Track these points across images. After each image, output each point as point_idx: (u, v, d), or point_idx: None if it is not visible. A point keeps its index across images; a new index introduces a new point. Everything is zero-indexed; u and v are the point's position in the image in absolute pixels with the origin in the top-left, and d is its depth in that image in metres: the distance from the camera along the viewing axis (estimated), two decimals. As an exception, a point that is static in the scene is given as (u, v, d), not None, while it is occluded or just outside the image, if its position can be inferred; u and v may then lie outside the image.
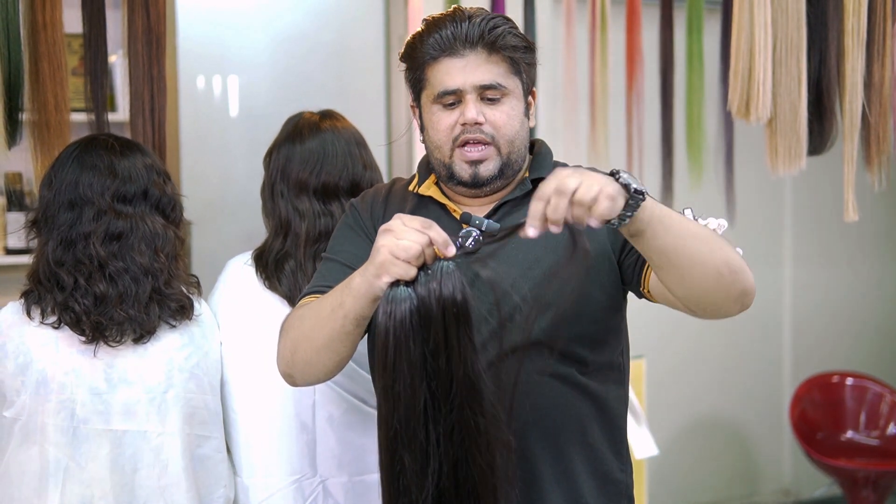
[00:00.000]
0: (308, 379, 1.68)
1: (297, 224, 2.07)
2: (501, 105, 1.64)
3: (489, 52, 1.62)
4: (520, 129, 1.67)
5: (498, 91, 1.63)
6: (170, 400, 1.88)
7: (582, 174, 1.34)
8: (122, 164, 1.91)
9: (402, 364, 1.40)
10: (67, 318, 1.83)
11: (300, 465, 2.03)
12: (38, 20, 2.12)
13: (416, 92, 1.73)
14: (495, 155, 1.65)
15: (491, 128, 1.64)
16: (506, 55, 1.63)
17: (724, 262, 1.46)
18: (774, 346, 4.49)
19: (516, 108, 1.66)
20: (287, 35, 3.56)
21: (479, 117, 1.63)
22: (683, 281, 1.47)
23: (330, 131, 2.12)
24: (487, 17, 1.65)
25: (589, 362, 1.65)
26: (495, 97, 1.64)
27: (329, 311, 1.55)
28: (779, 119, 2.38)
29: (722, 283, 1.47)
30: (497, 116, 1.64)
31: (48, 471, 1.81)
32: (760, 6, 2.31)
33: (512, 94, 1.65)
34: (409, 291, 1.40)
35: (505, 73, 1.64)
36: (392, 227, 1.42)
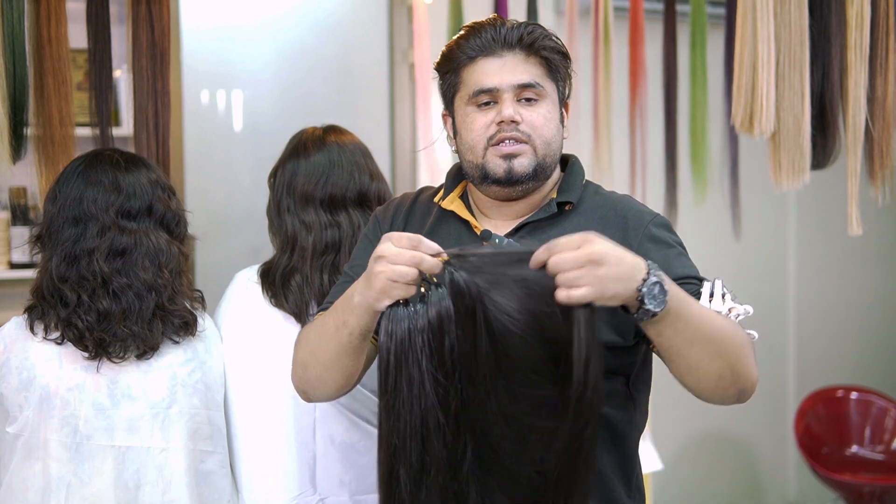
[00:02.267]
0: (321, 395, 1.68)
1: (304, 238, 2.06)
2: (538, 106, 1.62)
3: (527, 53, 1.62)
4: (556, 133, 1.65)
5: (535, 91, 1.62)
6: (173, 415, 1.88)
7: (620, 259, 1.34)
8: (126, 179, 1.91)
9: (402, 383, 1.42)
10: (71, 334, 1.83)
11: (300, 483, 2.02)
12: (43, 35, 2.13)
13: (448, 97, 1.70)
14: (531, 153, 1.62)
15: (528, 127, 1.61)
16: (544, 56, 1.62)
17: (727, 367, 1.47)
18: (779, 361, 4.48)
19: (553, 111, 1.64)
20: (291, 50, 3.57)
21: (517, 116, 1.60)
22: (682, 374, 1.49)
23: (335, 144, 2.12)
24: (525, 23, 1.64)
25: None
26: (532, 98, 1.62)
27: (334, 329, 1.55)
28: (782, 133, 2.38)
29: (720, 385, 1.48)
30: (534, 117, 1.62)
31: (51, 487, 1.81)
32: (763, 20, 2.31)
33: (549, 97, 1.63)
34: (408, 311, 1.42)
35: (542, 75, 1.63)
36: (384, 252, 1.41)
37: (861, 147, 2.44)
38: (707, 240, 3.69)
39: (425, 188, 1.85)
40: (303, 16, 3.59)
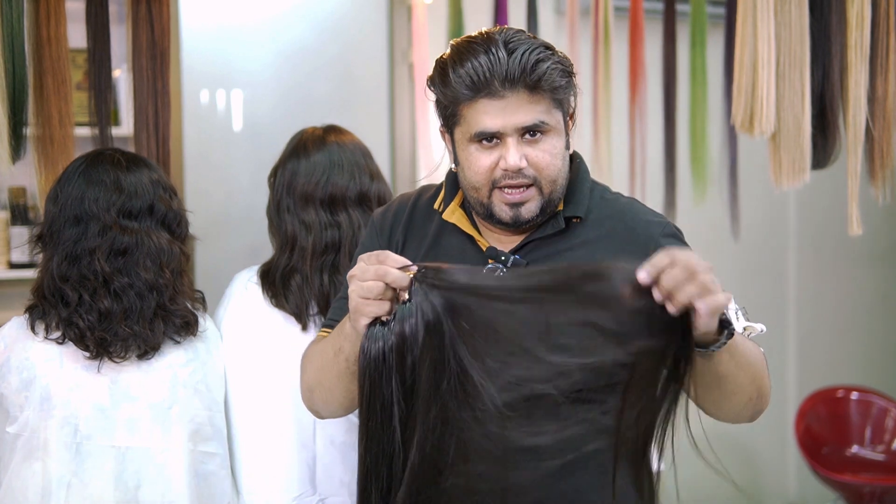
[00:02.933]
0: (331, 414, 1.69)
1: (304, 238, 2.06)
2: (543, 143, 1.54)
3: (531, 91, 1.51)
4: (562, 166, 1.57)
5: (540, 129, 1.53)
6: (174, 416, 1.88)
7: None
8: (127, 179, 1.91)
9: (376, 403, 1.42)
10: (72, 333, 1.83)
11: (300, 484, 2.02)
12: (42, 35, 2.13)
13: (447, 124, 1.61)
14: (537, 195, 1.56)
15: (533, 169, 1.54)
16: (548, 93, 1.53)
17: (757, 391, 1.51)
18: (779, 361, 4.47)
19: (557, 144, 1.56)
20: (291, 50, 3.56)
21: (522, 162, 1.53)
22: (717, 402, 1.51)
23: (335, 144, 2.11)
24: (527, 48, 1.50)
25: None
26: (535, 138, 1.54)
27: (332, 355, 1.56)
28: (782, 133, 2.38)
29: (748, 407, 1.52)
30: (539, 157, 1.54)
31: (51, 487, 1.80)
32: (764, 20, 2.31)
33: (553, 130, 1.55)
34: (383, 331, 1.42)
35: (547, 110, 1.53)
36: (354, 272, 1.44)
37: (861, 147, 2.44)
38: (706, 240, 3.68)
39: (425, 188, 1.79)
40: (303, 16, 3.59)
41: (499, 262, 1.59)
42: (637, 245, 1.56)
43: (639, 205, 1.67)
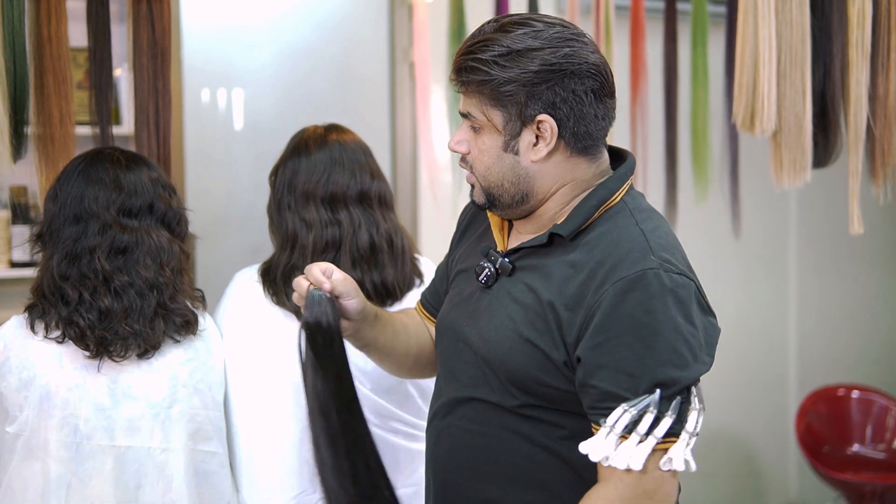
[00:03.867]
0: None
1: (304, 236, 2.06)
2: (479, 137, 1.55)
3: (464, 84, 1.54)
4: (494, 165, 1.55)
5: (473, 122, 1.55)
6: (174, 415, 1.87)
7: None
8: (127, 177, 1.91)
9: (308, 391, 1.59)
10: (72, 332, 1.82)
11: (300, 482, 2.02)
12: (43, 34, 2.12)
13: None
14: (479, 183, 1.59)
15: (472, 158, 1.58)
16: (472, 88, 1.52)
17: None
18: (779, 359, 4.48)
19: (489, 142, 1.54)
20: (292, 49, 3.56)
21: (458, 146, 1.58)
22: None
23: (336, 143, 2.11)
24: (478, 40, 1.51)
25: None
26: (475, 126, 1.55)
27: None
28: (783, 132, 2.38)
29: None
30: (473, 149, 1.57)
31: (51, 487, 1.80)
32: (765, 19, 2.31)
33: (486, 128, 1.53)
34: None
35: (477, 105, 1.53)
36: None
37: (862, 145, 2.44)
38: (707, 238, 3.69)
39: None
40: (303, 15, 3.59)
41: (489, 261, 1.61)
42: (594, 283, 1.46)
43: (640, 241, 1.48)
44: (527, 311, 1.53)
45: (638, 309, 1.41)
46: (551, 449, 1.54)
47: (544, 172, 1.54)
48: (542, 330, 1.51)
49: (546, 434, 1.54)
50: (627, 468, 1.40)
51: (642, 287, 1.42)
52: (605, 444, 1.41)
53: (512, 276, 1.58)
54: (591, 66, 1.50)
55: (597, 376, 1.43)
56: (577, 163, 1.55)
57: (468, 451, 1.60)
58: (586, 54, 1.50)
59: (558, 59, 1.48)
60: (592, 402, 1.45)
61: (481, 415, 1.59)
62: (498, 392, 1.56)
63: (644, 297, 1.41)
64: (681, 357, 1.42)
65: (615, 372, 1.41)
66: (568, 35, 1.50)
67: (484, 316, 1.60)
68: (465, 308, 1.65)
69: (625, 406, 1.40)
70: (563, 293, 1.49)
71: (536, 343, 1.50)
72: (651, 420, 1.39)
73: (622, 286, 1.42)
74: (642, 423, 1.39)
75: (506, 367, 1.54)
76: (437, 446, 1.67)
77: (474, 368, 1.60)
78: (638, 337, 1.41)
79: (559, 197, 1.56)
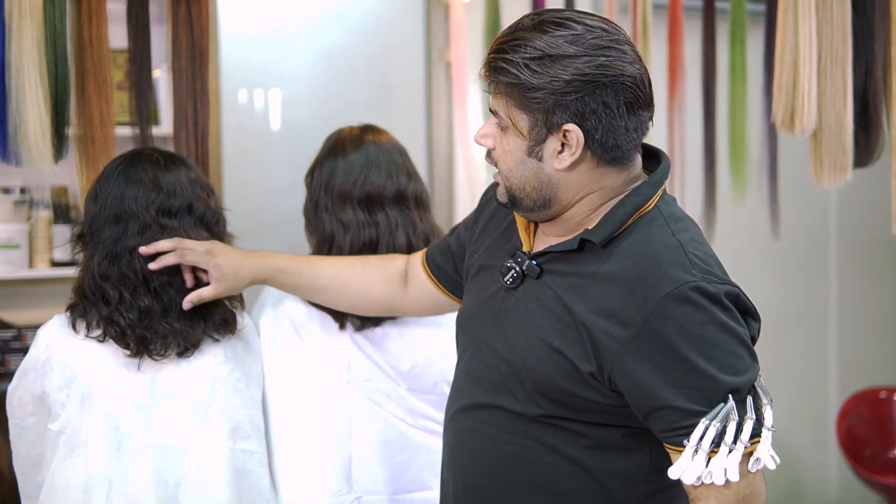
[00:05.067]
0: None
1: (341, 237, 2.06)
2: (504, 136, 1.51)
3: (488, 79, 1.50)
4: (516, 168, 1.51)
5: (500, 121, 1.50)
6: (213, 414, 1.88)
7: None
8: (166, 177, 1.92)
9: None
10: (112, 331, 1.84)
11: (336, 482, 2.02)
12: (84, 36, 2.15)
13: None
14: (503, 183, 1.55)
15: (495, 156, 1.54)
16: (500, 88, 1.48)
17: None
18: (820, 361, 4.43)
19: (513, 144, 1.49)
20: (328, 49, 3.58)
21: (484, 140, 1.53)
22: None
23: (372, 143, 2.11)
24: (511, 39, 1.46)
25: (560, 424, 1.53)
26: (503, 125, 1.50)
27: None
28: (824, 131, 2.36)
29: None
30: (497, 147, 1.53)
31: (92, 484, 1.82)
32: (805, 16, 2.29)
33: (511, 129, 1.49)
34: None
35: (504, 105, 1.48)
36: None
37: (905, 144, 2.41)
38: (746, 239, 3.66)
39: None
40: (340, 16, 3.60)
41: (516, 262, 1.57)
42: (636, 298, 1.42)
43: (678, 252, 1.45)
44: (557, 319, 1.49)
45: (690, 323, 1.39)
46: (575, 459, 1.51)
47: (569, 180, 1.49)
48: (572, 340, 1.47)
49: (570, 444, 1.51)
50: (726, 482, 1.39)
51: (687, 300, 1.40)
52: (696, 464, 1.39)
53: (539, 279, 1.54)
54: (627, 78, 1.44)
55: (667, 397, 1.40)
56: (605, 172, 1.50)
57: (490, 458, 1.57)
58: (623, 65, 1.44)
59: (592, 70, 1.42)
60: (669, 425, 1.42)
61: (504, 422, 1.55)
62: (522, 401, 1.53)
63: (692, 310, 1.39)
64: (741, 359, 1.41)
65: (685, 389, 1.39)
66: (606, 42, 1.44)
67: (510, 320, 1.56)
68: (489, 308, 1.61)
69: (705, 421, 1.38)
70: (597, 306, 1.45)
71: (566, 353, 1.47)
72: (734, 428, 1.38)
73: (669, 303, 1.40)
74: (727, 433, 1.38)
75: (533, 375, 1.50)
76: (458, 450, 1.63)
77: (497, 374, 1.56)
78: (697, 351, 1.39)
79: (586, 203, 1.52)
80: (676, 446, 1.42)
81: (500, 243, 1.67)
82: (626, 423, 1.50)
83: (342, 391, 2.03)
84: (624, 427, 1.50)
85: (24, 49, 1.96)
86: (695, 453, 1.39)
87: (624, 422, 1.50)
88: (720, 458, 1.38)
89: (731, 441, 1.38)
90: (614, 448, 1.51)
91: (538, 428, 1.52)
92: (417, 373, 2.04)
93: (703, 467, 1.39)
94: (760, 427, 1.41)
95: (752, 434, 1.40)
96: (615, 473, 1.50)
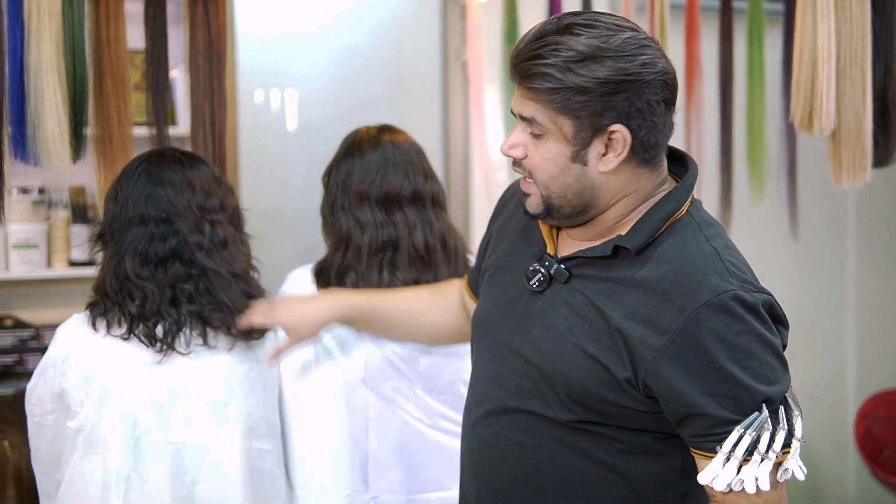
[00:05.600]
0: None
1: (359, 237, 2.06)
2: (541, 143, 1.46)
3: (524, 85, 1.45)
4: (558, 175, 1.47)
5: (536, 127, 1.45)
6: (230, 413, 1.89)
7: None
8: (196, 177, 1.92)
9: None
10: (135, 329, 1.85)
11: (352, 482, 2.03)
12: (102, 37, 2.16)
13: None
14: (538, 191, 1.50)
15: (530, 164, 1.49)
16: (540, 95, 1.43)
17: None
18: (838, 362, 4.40)
19: (555, 150, 1.45)
20: (345, 49, 3.58)
21: (513, 150, 1.49)
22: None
23: (389, 143, 2.11)
24: (539, 41, 1.42)
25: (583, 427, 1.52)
26: (537, 133, 1.46)
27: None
28: (843, 130, 2.34)
29: None
30: (532, 155, 1.48)
31: (110, 481, 1.83)
32: (824, 15, 2.27)
33: (552, 135, 1.45)
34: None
35: (545, 111, 1.44)
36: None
37: (924, 144, 2.39)
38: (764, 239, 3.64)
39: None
40: (356, 16, 3.61)
41: (543, 266, 1.55)
42: (672, 306, 1.41)
43: (713, 260, 1.45)
44: (590, 325, 1.47)
45: (726, 331, 1.39)
46: (608, 463, 1.50)
47: (610, 183, 1.48)
48: (607, 346, 1.45)
49: (603, 448, 1.50)
50: (757, 490, 1.39)
51: (726, 310, 1.39)
52: (727, 471, 1.39)
53: (567, 283, 1.52)
54: (666, 76, 1.45)
55: (702, 405, 1.40)
56: (640, 173, 1.49)
57: (518, 464, 1.55)
58: (660, 62, 1.44)
59: (637, 69, 1.41)
60: (701, 431, 1.42)
61: (533, 427, 1.53)
62: (554, 406, 1.50)
63: (730, 320, 1.39)
64: (774, 370, 1.42)
65: (720, 398, 1.39)
66: (642, 41, 1.43)
67: (537, 325, 1.54)
68: (511, 312, 1.59)
69: (740, 429, 1.38)
70: (632, 312, 1.44)
71: (600, 359, 1.45)
72: (768, 438, 1.39)
73: (706, 311, 1.39)
74: (761, 442, 1.39)
75: (566, 381, 1.48)
76: (483, 456, 1.60)
77: (525, 379, 1.54)
78: (734, 360, 1.39)
79: (619, 207, 1.51)
80: (708, 452, 1.42)
81: (519, 245, 1.65)
82: (658, 429, 1.49)
83: (358, 391, 2.03)
84: (655, 431, 1.50)
85: (42, 50, 1.97)
86: (727, 460, 1.39)
87: (656, 427, 1.49)
88: (752, 467, 1.39)
89: (764, 450, 1.39)
90: (646, 452, 1.50)
91: (570, 433, 1.50)
92: (434, 372, 2.04)
93: (734, 474, 1.39)
94: (791, 438, 1.42)
95: (784, 445, 1.41)
96: (648, 477, 1.50)
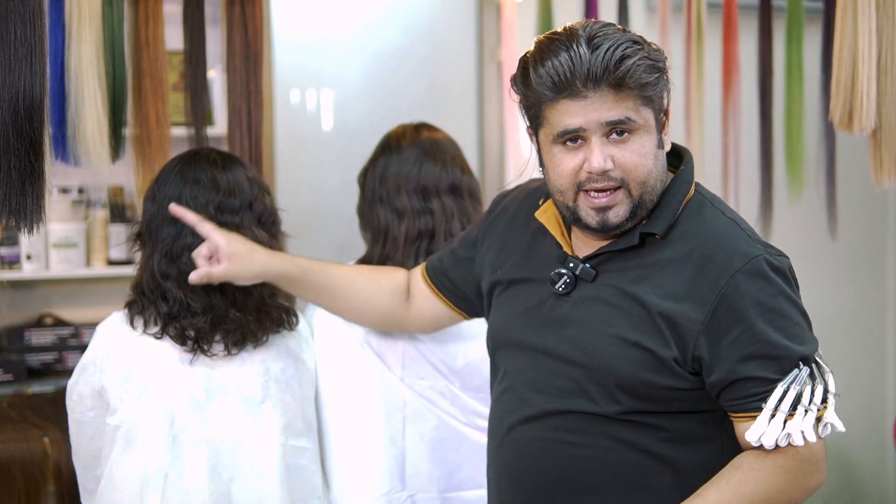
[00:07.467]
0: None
1: (396, 227, 2.06)
2: (631, 143, 1.47)
3: (616, 90, 1.44)
4: (653, 166, 1.49)
5: (627, 126, 1.46)
6: (266, 410, 1.90)
7: None
8: (225, 177, 1.93)
9: None
10: (170, 328, 1.86)
11: (389, 480, 2.03)
12: (141, 38, 2.18)
13: (532, 125, 1.56)
14: (625, 198, 1.49)
15: (620, 171, 1.47)
16: (635, 91, 1.45)
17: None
18: (877, 362, 4.36)
19: (647, 143, 1.48)
20: (380, 49, 3.59)
21: (607, 163, 1.46)
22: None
23: (427, 139, 2.12)
24: (611, 45, 1.43)
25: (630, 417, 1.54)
26: (627, 131, 1.47)
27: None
28: (884, 130, 2.31)
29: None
30: (627, 158, 1.47)
31: (149, 478, 1.84)
32: (865, 13, 2.24)
33: (642, 129, 1.47)
34: None
35: (634, 108, 1.46)
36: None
37: (967, 143, 2.36)
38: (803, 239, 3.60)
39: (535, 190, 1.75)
40: (392, 17, 3.61)
41: (567, 268, 1.57)
42: (707, 277, 1.47)
43: (735, 229, 1.52)
44: (628, 314, 1.50)
45: (762, 295, 1.46)
46: (655, 452, 1.52)
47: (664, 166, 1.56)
48: (648, 331, 1.49)
49: (650, 438, 1.52)
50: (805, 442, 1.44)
51: (760, 274, 1.47)
52: (773, 427, 1.44)
53: (594, 281, 1.55)
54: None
55: (745, 368, 1.45)
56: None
57: (565, 464, 1.56)
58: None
59: (658, 55, 1.50)
60: (745, 392, 1.46)
61: (579, 426, 1.54)
62: (600, 401, 1.52)
63: (764, 284, 1.46)
64: (804, 330, 1.49)
65: (762, 360, 1.45)
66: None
67: (570, 325, 1.55)
68: (536, 318, 1.60)
69: (783, 385, 1.44)
70: (668, 292, 1.48)
71: (645, 345, 1.49)
72: (809, 392, 1.45)
73: (742, 277, 1.46)
74: (804, 396, 1.44)
75: (613, 373, 1.51)
76: (524, 461, 1.60)
77: (565, 380, 1.55)
78: (769, 322, 1.45)
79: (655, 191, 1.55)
80: (752, 412, 1.46)
81: (530, 256, 1.67)
82: (700, 408, 1.53)
83: (396, 389, 2.04)
84: (698, 413, 1.53)
85: (83, 52, 1.99)
86: (772, 416, 1.44)
87: (699, 406, 1.53)
88: (797, 420, 1.44)
89: (807, 403, 1.44)
90: (691, 439, 1.54)
91: (617, 426, 1.53)
92: (471, 370, 2.04)
93: (780, 430, 1.44)
94: (827, 393, 1.48)
95: (823, 399, 1.47)
96: (694, 464, 1.53)
